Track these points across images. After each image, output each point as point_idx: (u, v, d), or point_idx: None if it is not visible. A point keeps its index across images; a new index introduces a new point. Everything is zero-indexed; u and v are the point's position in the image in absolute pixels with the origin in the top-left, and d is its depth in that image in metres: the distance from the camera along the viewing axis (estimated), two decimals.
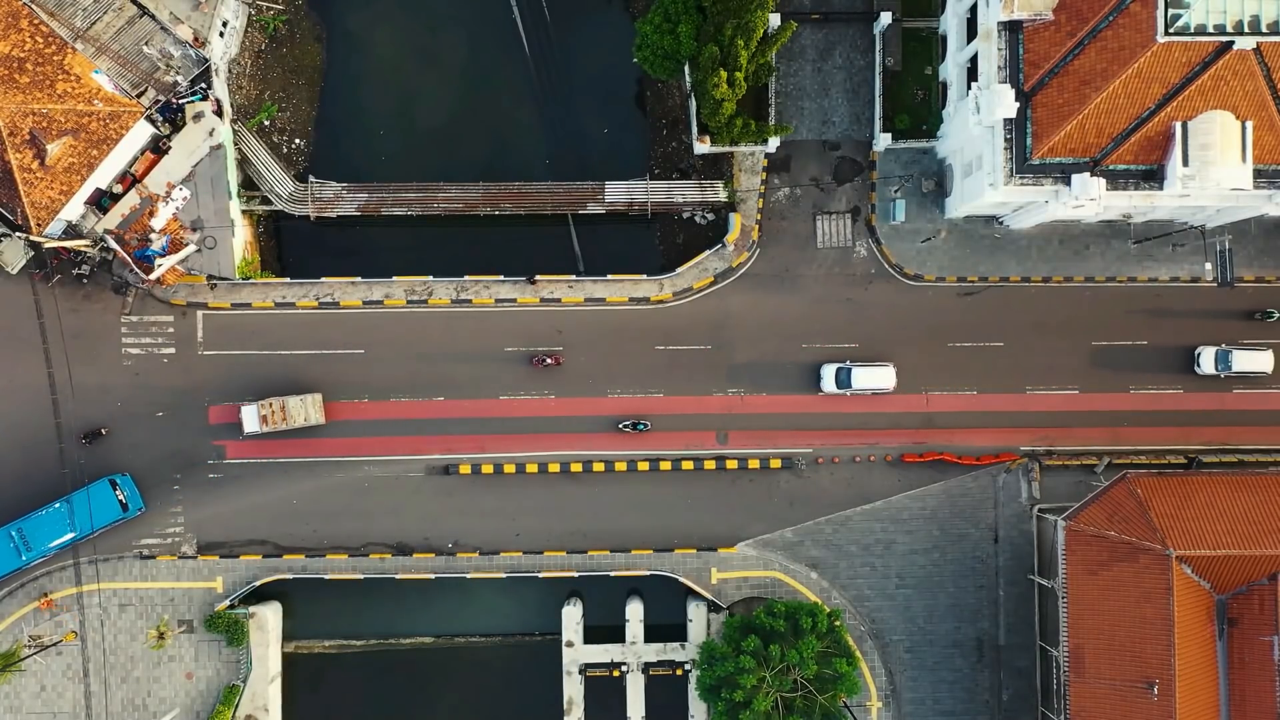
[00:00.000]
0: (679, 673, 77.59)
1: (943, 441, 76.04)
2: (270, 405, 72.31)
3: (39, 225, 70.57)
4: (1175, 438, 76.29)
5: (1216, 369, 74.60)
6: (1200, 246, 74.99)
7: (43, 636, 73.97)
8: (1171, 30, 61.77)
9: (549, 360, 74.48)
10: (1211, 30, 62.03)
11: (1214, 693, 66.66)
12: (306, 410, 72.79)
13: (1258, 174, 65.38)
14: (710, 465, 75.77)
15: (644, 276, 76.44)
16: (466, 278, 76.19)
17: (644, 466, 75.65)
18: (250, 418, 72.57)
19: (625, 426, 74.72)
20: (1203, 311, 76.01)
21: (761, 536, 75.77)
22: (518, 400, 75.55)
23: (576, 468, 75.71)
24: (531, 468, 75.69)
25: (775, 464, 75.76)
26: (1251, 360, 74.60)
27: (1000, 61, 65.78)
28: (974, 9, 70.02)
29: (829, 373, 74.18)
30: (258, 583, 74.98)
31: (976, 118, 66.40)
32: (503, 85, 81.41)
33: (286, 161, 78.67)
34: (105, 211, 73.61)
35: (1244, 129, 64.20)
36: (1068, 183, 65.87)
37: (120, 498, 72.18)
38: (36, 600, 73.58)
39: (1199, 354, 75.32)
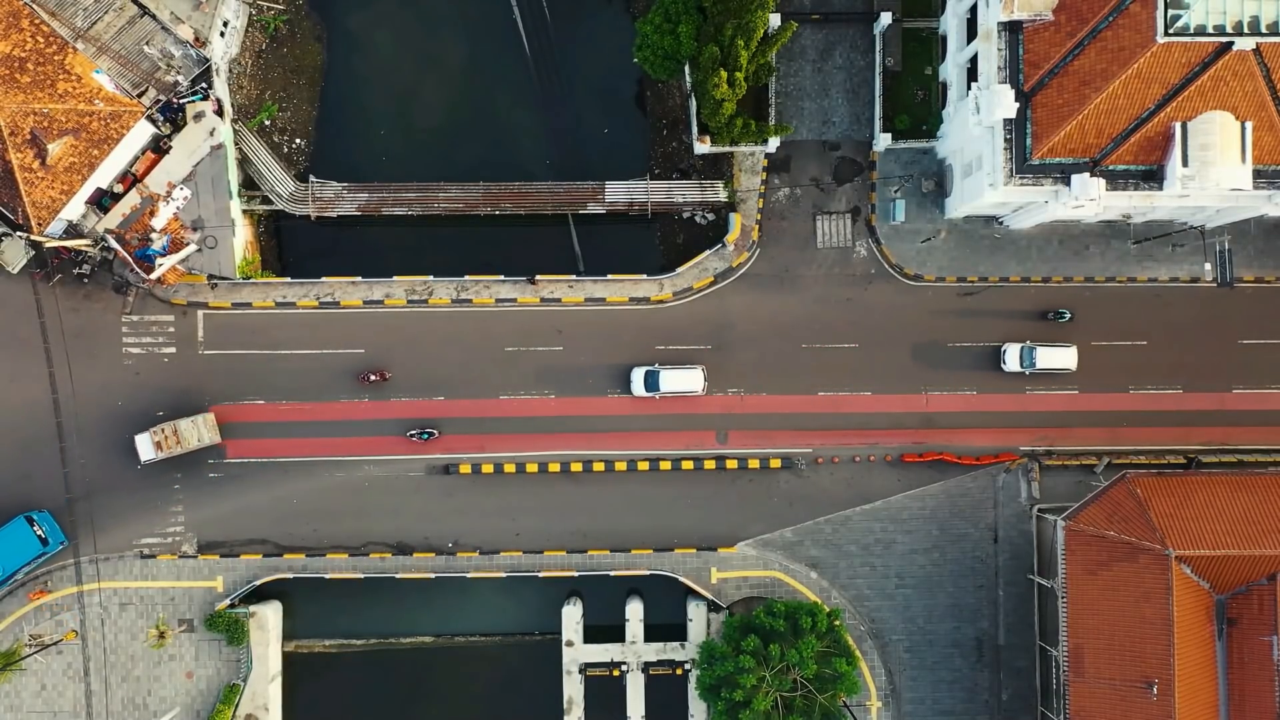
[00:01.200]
0: (679, 672, 77.65)
1: (943, 441, 76.10)
2: (163, 431, 71.90)
3: (40, 225, 70.64)
4: (1175, 438, 76.33)
5: (1021, 366, 74.36)
6: (1200, 247, 75.05)
7: (43, 635, 74.04)
8: (1171, 31, 61.82)
9: (374, 377, 74.02)
10: (1211, 31, 62.08)
11: (1213, 692, 66.70)
12: (199, 431, 72.25)
13: (1257, 174, 65.41)
14: (710, 465, 75.83)
15: (644, 276, 76.49)
16: (467, 277, 76.25)
17: (644, 466, 75.70)
18: (145, 446, 72.26)
19: (413, 434, 74.20)
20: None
21: (761, 536, 75.82)
22: (518, 400, 75.61)
23: (576, 467, 75.77)
24: (531, 467, 75.75)
25: (775, 464, 75.81)
26: (1055, 357, 74.34)
27: (1000, 62, 65.84)
28: (974, 9, 70.08)
29: (638, 376, 74.05)
30: (258, 582, 75.04)
31: (976, 118, 66.45)
32: (503, 85, 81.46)
33: (287, 161, 78.73)
34: (106, 211, 73.68)
35: (1243, 129, 64.24)
36: (1067, 183, 65.91)
37: (39, 533, 71.74)
38: (34, 594, 73.63)
39: (1004, 351, 75.05)
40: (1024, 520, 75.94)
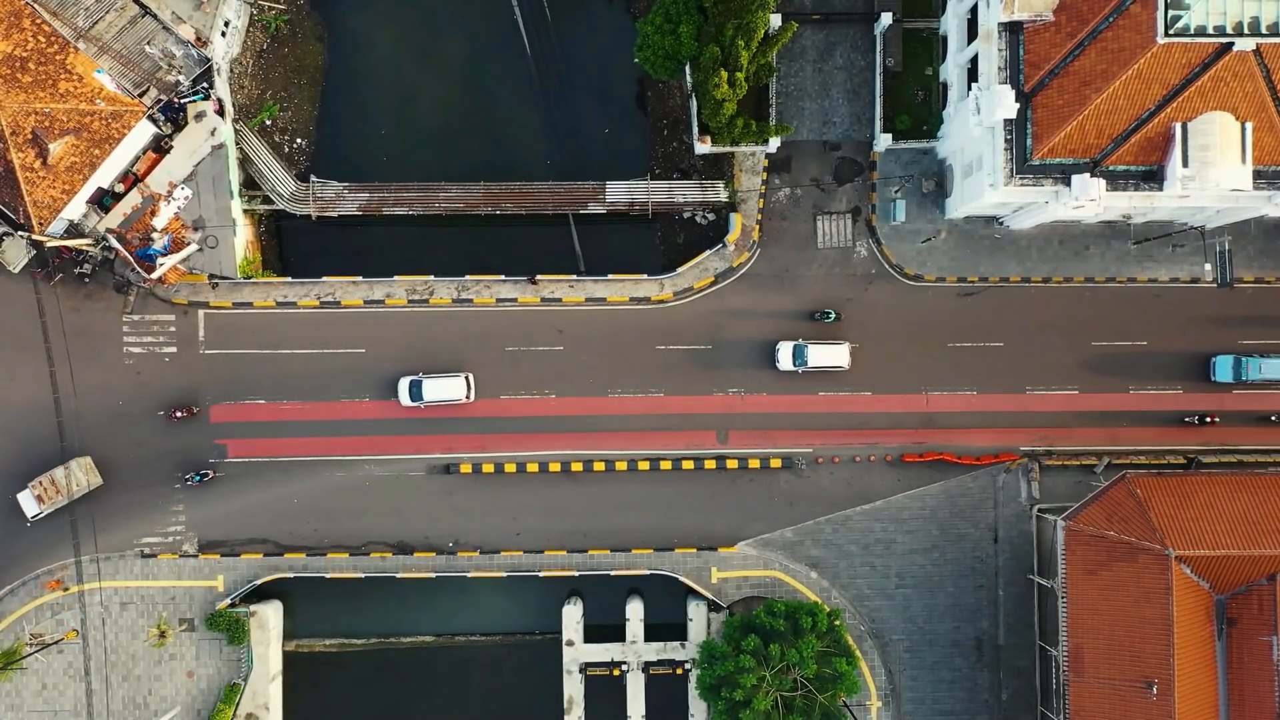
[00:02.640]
0: (679, 672, 77.72)
1: (943, 441, 76.16)
2: (40, 484, 71.57)
3: (41, 224, 70.72)
4: (1175, 438, 76.38)
5: (794, 364, 74.25)
6: (1200, 247, 75.11)
7: (44, 634, 74.12)
8: (1171, 31, 61.88)
9: (180, 414, 73.58)
10: (1211, 31, 62.13)
11: (1213, 692, 66.75)
12: (75, 476, 71.65)
13: (1257, 175, 65.48)
14: (710, 465, 75.89)
15: (645, 276, 76.56)
16: (467, 277, 76.32)
17: (644, 466, 75.76)
18: (28, 501, 71.97)
19: (188, 478, 73.45)
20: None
21: (761, 536, 75.89)
22: (518, 400, 75.66)
23: (577, 467, 75.83)
24: (532, 467, 75.81)
25: (775, 464, 75.88)
26: (827, 355, 74.19)
27: (1000, 62, 65.89)
28: (974, 10, 70.14)
29: (404, 386, 73.74)
30: (258, 581, 75.11)
31: (977, 118, 66.51)
32: (504, 85, 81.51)
33: (288, 161, 78.79)
34: (107, 211, 73.73)
35: (1244, 130, 64.30)
36: (1068, 183, 65.96)
37: None
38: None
39: (778, 350, 74.93)
40: (1024, 520, 76.00)
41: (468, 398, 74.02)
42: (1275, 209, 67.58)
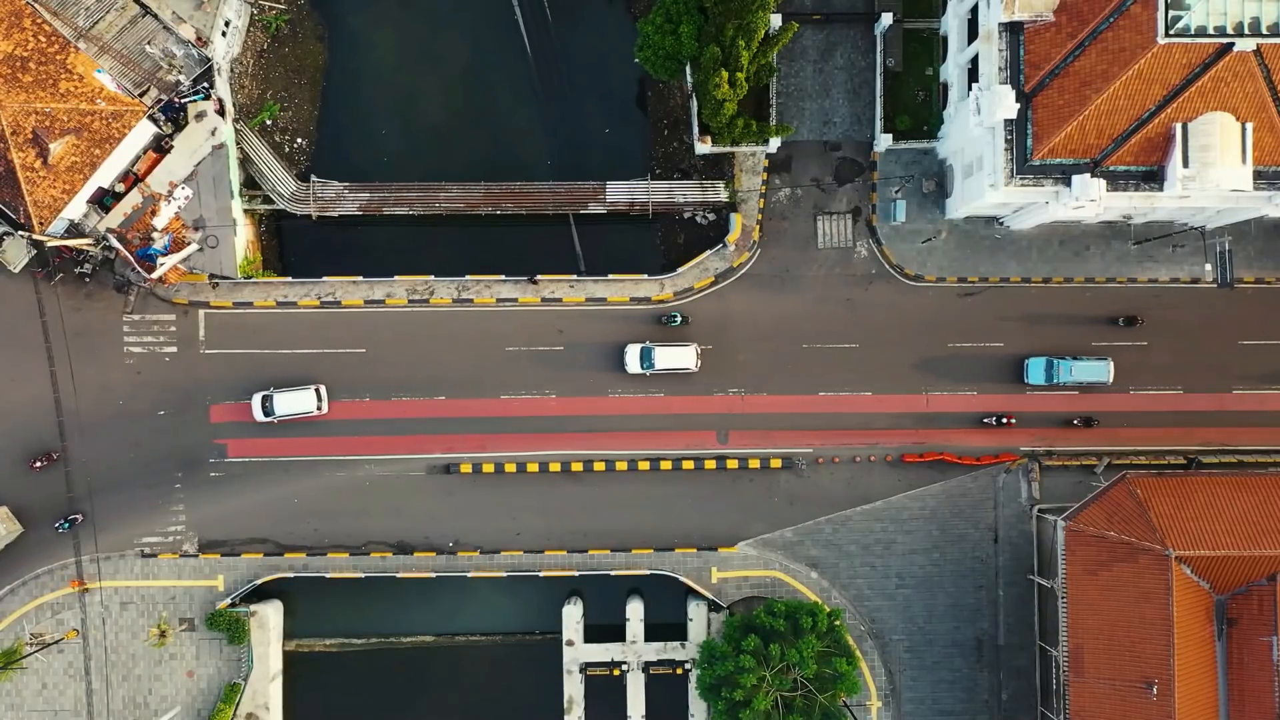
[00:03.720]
0: (679, 672, 77.75)
1: (943, 441, 76.18)
2: None
3: (41, 224, 70.72)
4: (1175, 438, 76.40)
5: (642, 367, 74.06)
6: (1200, 247, 75.15)
7: (44, 634, 74.13)
8: (1172, 32, 61.89)
9: (40, 463, 72.92)
10: (1212, 32, 62.14)
11: (1213, 693, 66.77)
12: None
13: (1258, 175, 65.49)
14: (711, 465, 75.90)
15: (645, 276, 76.58)
16: (468, 277, 76.33)
17: (644, 466, 75.78)
18: None
19: (58, 525, 72.59)
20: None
21: (762, 536, 75.90)
22: (519, 399, 75.69)
23: (577, 467, 75.84)
24: (532, 467, 75.82)
25: (775, 464, 75.89)
26: (674, 357, 73.89)
27: (1001, 62, 65.90)
28: (975, 10, 70.15)
29: (257, 401, 73.29)
30: (259, 581, 75.13)
31: (977, 119, 66.51)
32: (504, 85, 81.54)
33: (288, 161, 78.81)
34: (107, 210, 73.73)
35: (1244, 130, 64.31)
36: (1068, 184, 65.98)
37: None
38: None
39: (626, 352, 74.68)
40: (1024, 520, 76.02)
41: (319, 409, 73.58)
42: (1275, 209, 67.56)
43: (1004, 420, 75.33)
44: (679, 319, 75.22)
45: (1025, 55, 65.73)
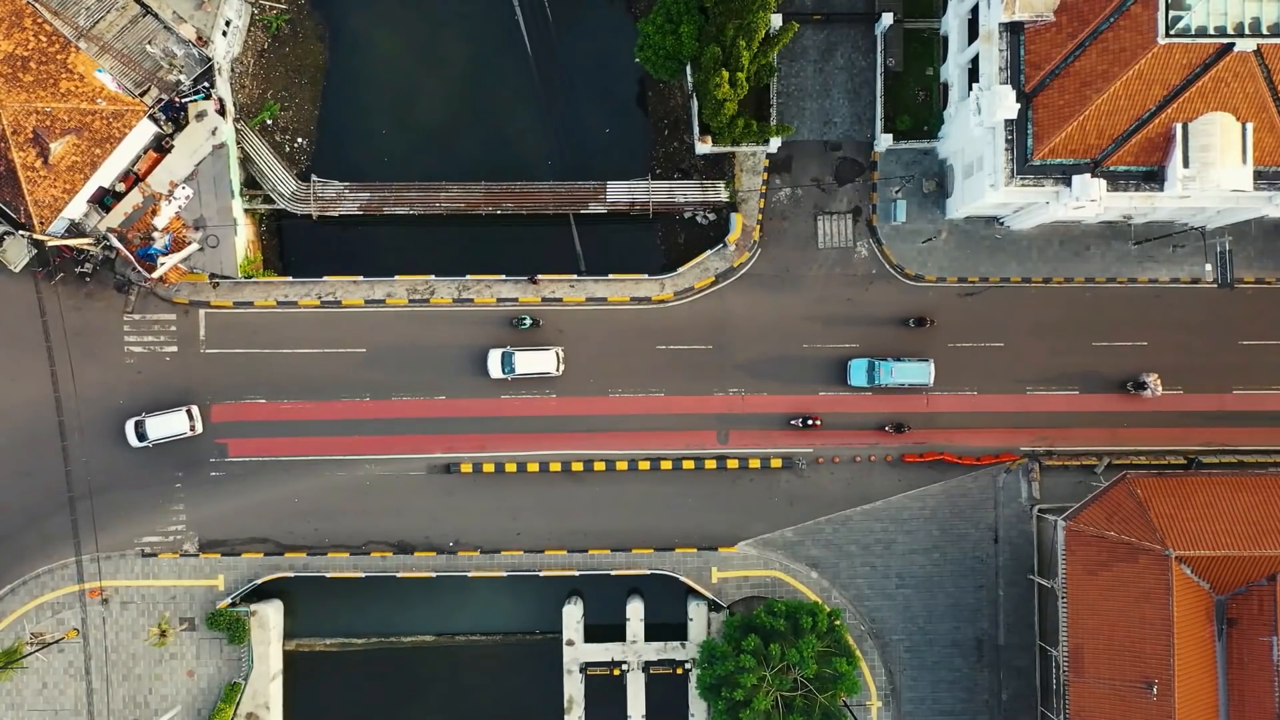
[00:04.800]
0: (679, 671, 77.77)
1: (943, 441, 76.19)
2: None
3: (42, 223, 70.73)
4: (1175, 438, 76.42)
5: (503, 372, 73.98)
6: (1200, 247, 75.19)
7: (45, 634, 74.15)
8: (1172, 32, 61.91)
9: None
10: (1212, 32, 62.16)
11: (1213, 693, 66.79)
12: None
13: (1258, 175, 65.52)
14: (711, 465, 75.92)
15: (645, 276, 76.60)
16: (468, 277, 76.35)
17: (645, 466, 75.81)
18: None
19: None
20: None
21: (762, 536, 75.93)
22: (519, 399, 75.70)
23: (577, 467, 75.86)
24: (532, 467, 75.84)
25: (776, 464, 75.91)
26: (535, 361, 73.87)
27: (1001, 63, 65.91)
28: (975, 10, 70.15)
29: (130, 427, 72.89)
30: (259, 580, 75.15)
31: (978, 119, 66.53)
32: (505, 85, 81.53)
33: (289, 160, 78.82)
34: (108, 210, 73.76)
35: (1244, 131, 64.34)
36: (1068, 184, 66.00)
37: None
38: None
39: (489, 357, 74.50)
40: (1024, 520, 76.04)
41: (193, 430, 73.42)
42: (1276, 210, 67.59)
43: (809, 422, 75.13)
44: (528, 322, 74.99)
45: (1026, 55, 65.75)
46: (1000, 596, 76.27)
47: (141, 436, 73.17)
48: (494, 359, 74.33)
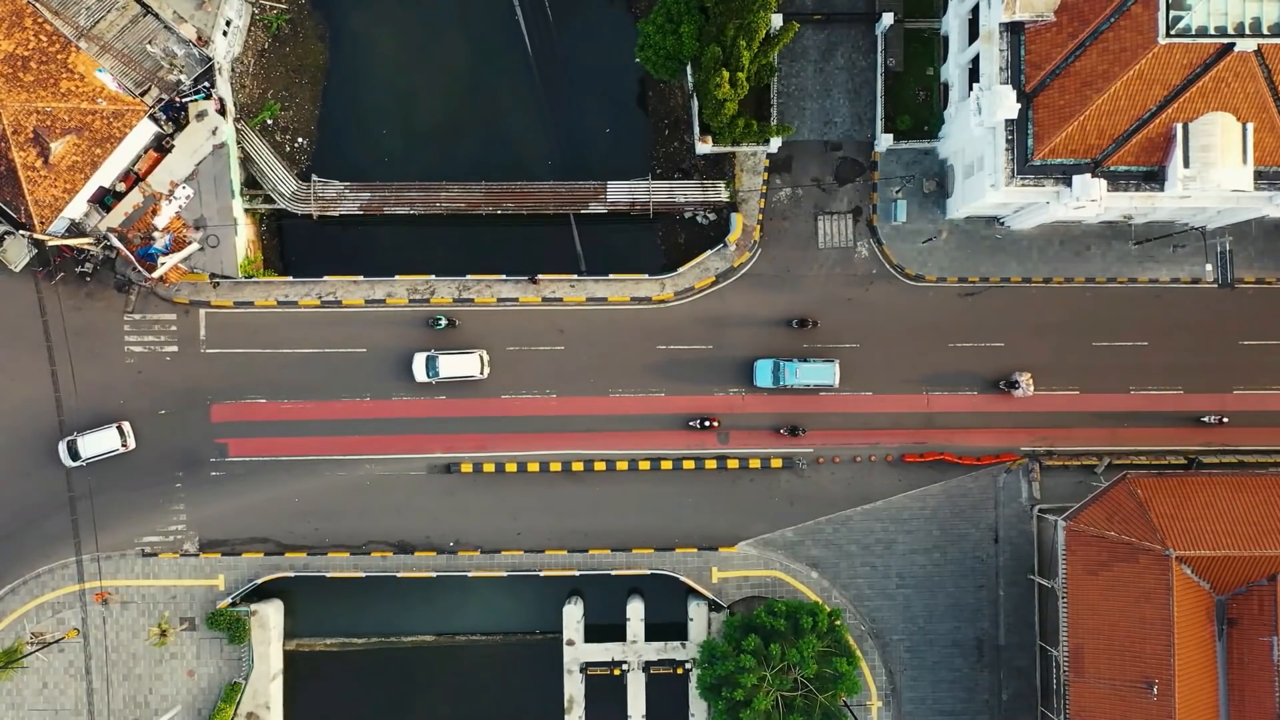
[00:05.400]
0: (679, 671, 77.77)
1: (943, 441, 76.20)
2: None
3: (42, 223, 70.72)
4: (1175, 438, 76.41)
5: (428, 375, 73.77)
6: (1201, 247, 75.21)
7: (45, 633, 74.15)
8: (1173, 32, 61.92)
9: None
10: (1213, 32, 62.17)
11: (1213, 693, 66.80)
12: None
13: (1258, 175, 65.54)
14: (711, 465, 75.92)
15: (645, 276, 76.60)
16: (468, 277, 76.35)
17: (645, 466, 75.81)
18: None
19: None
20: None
21: (762, 536, 75.93)
22: (519, 399, 75.69)
23: (578, 467, 75.86)
24: (533, 467, 75.84)
25: (776, 464, 75.92)
26: (459, 365, 73.67)
27: (1002, 63, 65.93)
28: (976, 10, 70.15)
29: (63, 448, 72.54)
30: (259, 580, 75.14)
31: (978, 119, 66.54)
32: (505, 85, 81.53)
33: (289, 160, 78.82)
34: (108, 210, 73.76)
35: (1245, 131, 64.36)
36: (1069, 184, 66.01)
37: None
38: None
39: (413, 360, 74.21)
40: (1024, 520, 76.04)
41: (124, 446, 73.27)
42: (1276, 210, 67.61)
43: (707, 424, 75.09)
44: (443, 322, 74.84)
45: (1026, 55, 65.76)
46: (1000, 596, 76.28)
47: (75, 455, 72.86)
48: (418, 362, 74.09)
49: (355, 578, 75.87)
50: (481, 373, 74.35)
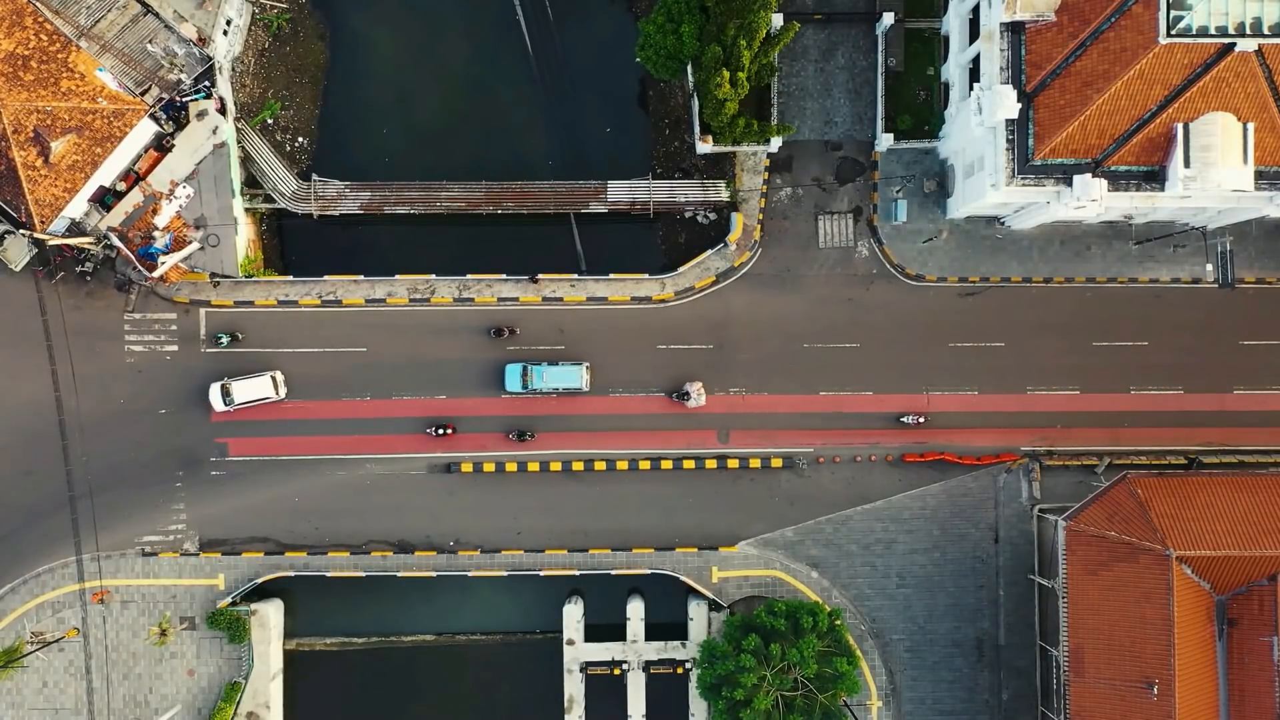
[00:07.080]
0: (680, 671, 77.78)
1: (943, 441, 76.19)
2: None
3: (43, 223, 70.72)
4: (1175, 438, 76.42)
5: (225, 404, 73.14)
6: (1201, 248, 75.18)
7: (45, 633, 74.15)
8: (1173, 32, 61.91)
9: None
10: (1213, 32, 62.16)
11: (1213, 693, 66.81)
12: None
13: (1259, 175, 65.54)
14: (711, 464, 75.92)
15: (646, 276, 76.59)
16: (469, 276, 76.34)
17: (645, 465, 75.81)
18: None
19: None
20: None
21: (762, 535, 75.92)
22: (519, 399, 75.66)
23: (578, 466, 75.85)
24: (533, 466, 75.84)
25: (776, 463, 75.92)
26: (251, 389, 73.14)
27: (1002, 62, 65.92)
28: (976, 10, 70.16)
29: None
30: (259, 580, 75.14)
31: (978, 118, 66.54)
32: (506, 84, 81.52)
33: (289, 160, 78.82)
34: (109, 209, 73.75)
35: (1245, 131, 64.35)
36: (1069, 184, 66.01)
37: None
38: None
39: (211, 390, 73.29)
40: (1025, 520, 76.04)
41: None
42: (1276, 210, 67.60)
43: (442, 431, 74.66)
44: (225, 339, 74.18)
45: (1027, 55, 65.77)
46: (1001, 596, 76.28)
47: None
48: (214, 392, 73.28)
49: (355, 577, 75.87)
50: (278, 393, 73.75)
